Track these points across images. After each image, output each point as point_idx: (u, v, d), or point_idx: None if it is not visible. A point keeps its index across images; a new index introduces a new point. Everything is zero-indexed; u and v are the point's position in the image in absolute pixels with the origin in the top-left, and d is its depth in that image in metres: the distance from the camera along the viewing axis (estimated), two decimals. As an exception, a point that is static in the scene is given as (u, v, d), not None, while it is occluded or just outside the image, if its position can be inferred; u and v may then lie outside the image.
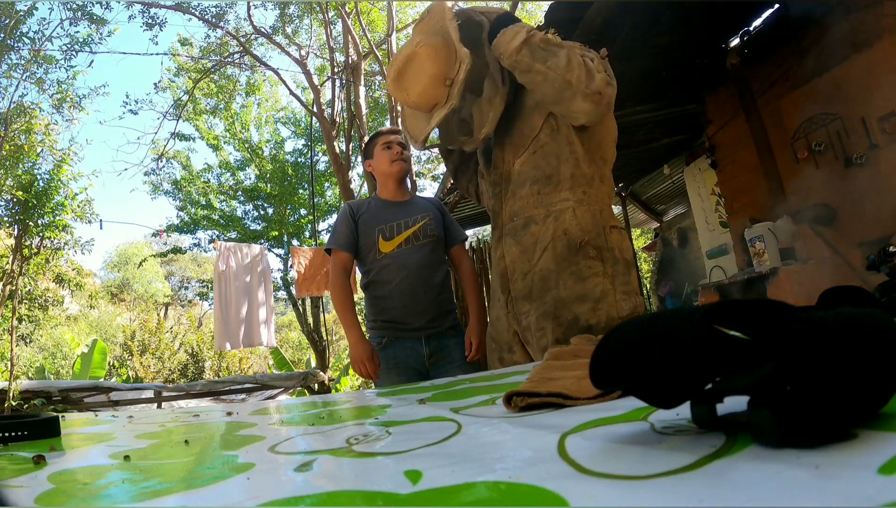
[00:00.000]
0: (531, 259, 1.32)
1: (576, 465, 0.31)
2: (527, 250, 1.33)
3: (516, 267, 1.35)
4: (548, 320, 1.27)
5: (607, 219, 1.35)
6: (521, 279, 1.34)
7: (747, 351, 0.30)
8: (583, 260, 1.28)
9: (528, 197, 1.35)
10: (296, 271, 6.10)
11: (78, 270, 8.10)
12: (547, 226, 1.31)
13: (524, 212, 1.35)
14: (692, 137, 5.13)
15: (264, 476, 0.40)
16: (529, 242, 1.33)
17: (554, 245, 1.30)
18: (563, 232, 1.30)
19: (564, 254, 1.29)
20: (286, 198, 10.24)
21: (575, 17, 3.26)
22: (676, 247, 6.53)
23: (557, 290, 1.28)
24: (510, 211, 1.38)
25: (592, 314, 1.25)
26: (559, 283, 1.28)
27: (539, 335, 1.28)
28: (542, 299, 1.29)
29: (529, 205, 1.34)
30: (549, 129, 1.35)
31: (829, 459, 0.25)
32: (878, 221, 2.97)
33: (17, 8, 6.51)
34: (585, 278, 1.27)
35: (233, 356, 11.61)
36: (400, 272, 1.74)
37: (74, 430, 0.77)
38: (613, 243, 1.32)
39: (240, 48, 7.98)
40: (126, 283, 20.86)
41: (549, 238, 1.31)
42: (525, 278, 1.33)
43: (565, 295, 1.27)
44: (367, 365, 1.68)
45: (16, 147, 6.53)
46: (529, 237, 1.33)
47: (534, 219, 1.33)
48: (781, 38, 3.64)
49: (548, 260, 1.30)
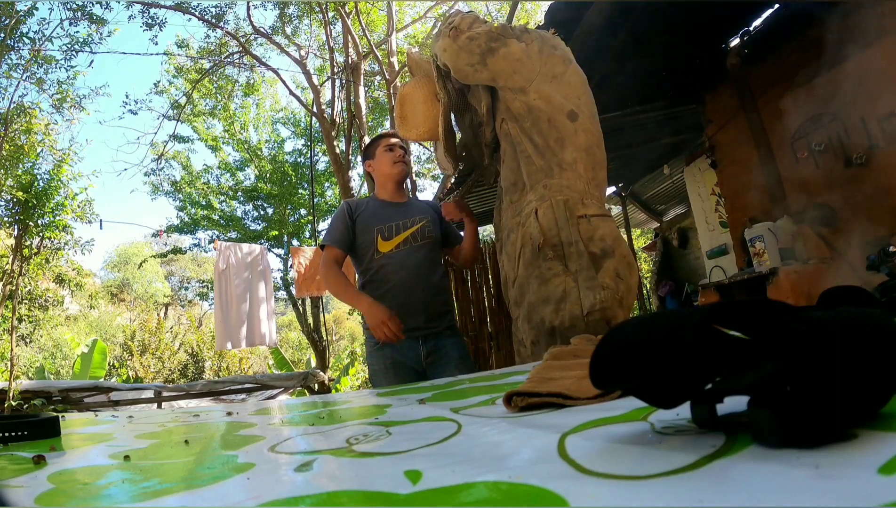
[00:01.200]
0: (514, 268, 1.38)
1: (576, 465, 0.31)
2: (511, 260, 1.40)
3: (508, 277, 1.42)
4: (526, 324, 1.34)
5: (574, 209, 1.30)
6: (512, 287, 1.41)
7: (747, 351, 0.30)
8: (543, 263, 1.30)
9: (507, 208, 1.41)
10: (296, 271, 6.10)
11: (78, 270, 8.10)
12: (518, 233, 1.37)
13: (507, 224, 1.42)
14: (692, 137, 5.13)
15: (264, 476, 0.40)
16: (512, 252, 1.39)
17: (524, 252, 1.35)
18: (529, 237, 1.33)
19: (530, 260, 1.33)
20: (286, 198, 10.25)
21: (575, 17, 3.26)
22: (676, 246, 6.53)
23: (529, 295, 1.34)
24: (500, 224, 1.46)
25: (555, 315, 1.26)
26: (529, 289, 1.33)
27: (527, 338, 1.35)
28: (522, 305, 1.36)
29: (508, 215, 1.41)
30: (503, 135, 1.39)
31: (829, 459, 0.25)
32: (878, 221, 2.97)
33: (17, 8, 6.51)
34: (547, 280, 1.29)
35: (233, 356, 11.61)
36: (398, 272, 1.74)
37: (74, 430, 0.77)
38: (581, 235, 1.28)
39: (239, 48, 7.98)
40: (126, 283, 20.87)
41: (520, 245, 1.36)
42: (513, 287, 1.40)
43: (534, 300, 1.31)
44: (388, 325, 1.62)
45: (16, 147, 6.53)
46: (511, 247, 1.39)
47: (512, 228, 1.40)
48: (781, 38, 3.64)
49: (521, 267, 1.36)
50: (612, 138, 3.26)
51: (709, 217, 5.15)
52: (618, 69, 3.84)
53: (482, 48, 1.30)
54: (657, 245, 6.99)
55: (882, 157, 3.10)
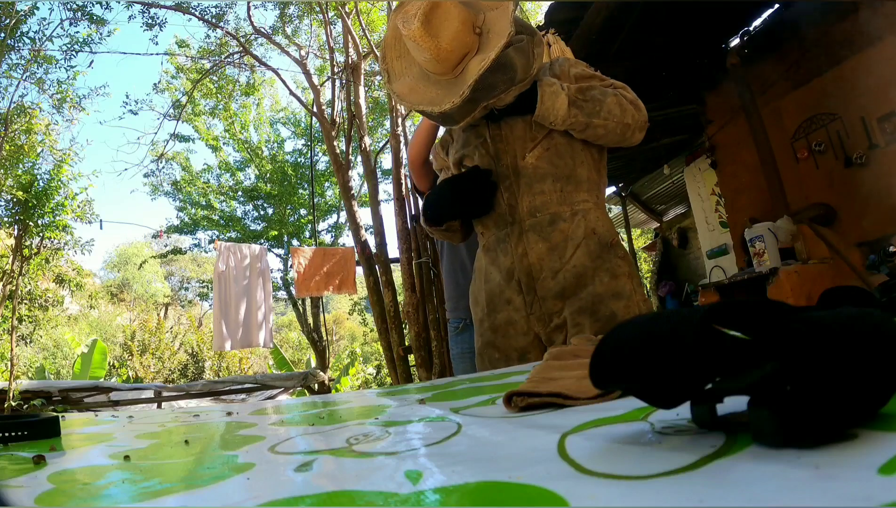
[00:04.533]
0: (563, 256, 1.27)
1: (576, 465, 0.31)
2: (556, 247, 1.28)
3: (544, 265, 1.28)
4: (585, 316, 1.24)
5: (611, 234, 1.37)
6: (552, 277, 1.28)
7: (747, 351, 0.30)
8: (614, 259, 1.28)
9: (550, 193, 1.29)
10: (296, 271, 6.09)
11: (78, 270, 8.11)
12: (577, 223, 1.28)
13: (547, 209, 1.29)
14: (692, 137, 5.13)
15: (264, 476, 0.40)
16: (559, 239, 1.28)
17: (587, 242, 1.28)
18: (593, 230, 1.29)
19: (598, 252, 1.28)
20: (286, 198, 10.25)
21: (575, 17, 3.26)
22: (676, 246, 6.53)
23: (594, 286, 1.26)
24: (530, 206, 1.29)
25: (626, 311, 1.25)
26: (595, 280, 1.26)
27: (574, 331, 1.25)
28: (578, 295, 1.26)
29: (553, 201, 1.29)
30: (564, 130, 1.31)
31: (829, 459, 0.25)
32: (878, 221, 2.97)
33: (17, 8, 6.51)
34: (617, 276, 1.27)
35: (233, 356, 11.61)
36: None
37: (74, 430, 0.77)
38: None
39: (239, 48, 7.98)
40: (126, 283, 20.87)
41: (582, 235, 1.28)
42: (556, 276, 1.27)
43: (602, 292, 1.25)
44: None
45: (16, 147, 6.53)
46: (558, 234, 1.28)
47: (560, 215, 1.29)
48: (781, 38, 3.64)
49: (582, 256, 1.27)
50: (612, 138, 3.25)
51: (709, 217, 5.15)
52: (618, 69, 3.84)
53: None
54: (657, 245, 6.99)
55: (882, 157, 3.10)
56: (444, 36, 1.18)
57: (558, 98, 1.24)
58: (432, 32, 1.18)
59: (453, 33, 1.18)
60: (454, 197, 1.35)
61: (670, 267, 6.66)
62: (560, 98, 1.24)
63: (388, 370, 6.22)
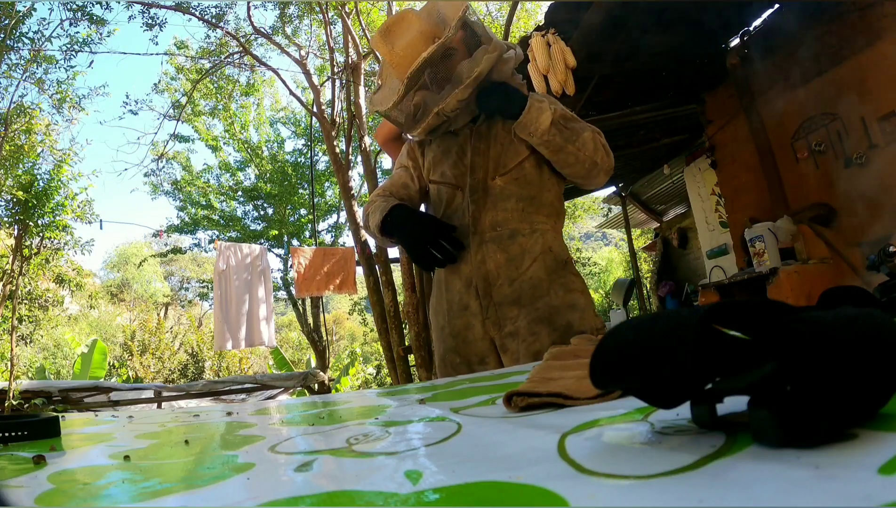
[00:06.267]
0: (519, 267, 1.34)
1: (576, 465, 0.31)
2: (514, 258, 1.35)
3: (501, 273, 1.34)
4: (542, 325, 1.30)
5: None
6: (508, 285, 1.34)
7: (747, 351, 0.30)
8: (569, 275, 1.37)
9: (513, 211, 1.36)
10: (296, 271, 6.10)
11: (78, 270, 8.11)
12: (535, 239, 1.36)
13: (508, 225, 1.36)
14: (692, 137, 5.13)
15: (264, 476, 0.40)
16: (517, 251, 1.35)
17: (543, 257, 1.35)
18: (549, 248, 1.37)
19: (553, 267, 1.36)
20: (286, 198, 10.25)
21: (575, 18, 3.26)
22: (676, 246, 6.53)
23: (549, 298, 1.32)
24: (492, 220, 1.36)
25: (581, 322, 1.32)
26: (550, 292, 1.33)
27: (532, 339, 1.29)
28: (534, 305, 1.32)
29: (514, 218, 1.36)
30: (536, 162, 1.39)
31: (829, 459, 0.25)
32: (877, 221, 2.97)
33: (17, 8, 6.51)
34: (572, 290, 1.35)
35: (233, 356, 11.62)
36: None
37: (74, 430, 0.77)
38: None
39: (239, 48, 7.98)
40: (126, 283, 20.87)
41: (539, 250, 1.35)
42: (513, 284, 1.34)
43: (557, 303, 1.32)
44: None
45: (16, 147, 6.53)
46: (517, 247, 1.35)
47: (520, 231, 1.36)
48: (781, 39, 3.64)
49: (538, 269, 1.34)
50: (613, 138, 3.26)
51: (709, 217, 5.16)
52: (618, 69, 3.85)
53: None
54: (657, 245, 6.99)
55: (882, 157, 3.10)
56: (398, 43, 1.32)
57: (543, 113, 1.32)
58: (388, 40, 1.33)
59: (408, 42, 1.31)
60: (419, 251, 1.37)
61: (670, 267, 6.66)
62: (545, 114, 1.32)
63: (388, 370, 6.22)
